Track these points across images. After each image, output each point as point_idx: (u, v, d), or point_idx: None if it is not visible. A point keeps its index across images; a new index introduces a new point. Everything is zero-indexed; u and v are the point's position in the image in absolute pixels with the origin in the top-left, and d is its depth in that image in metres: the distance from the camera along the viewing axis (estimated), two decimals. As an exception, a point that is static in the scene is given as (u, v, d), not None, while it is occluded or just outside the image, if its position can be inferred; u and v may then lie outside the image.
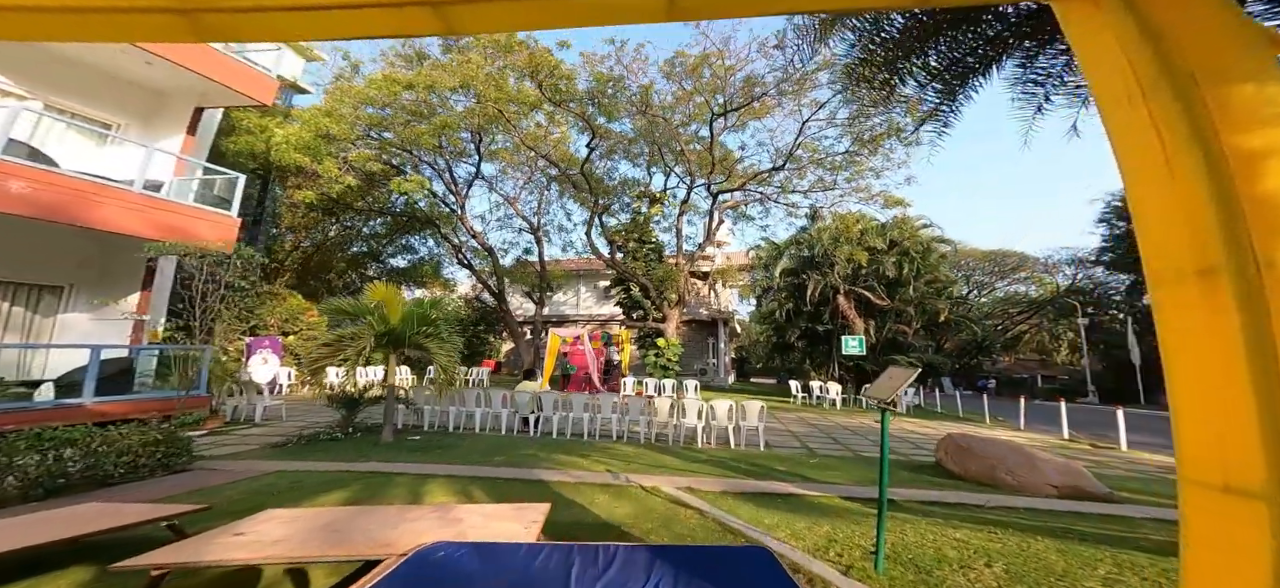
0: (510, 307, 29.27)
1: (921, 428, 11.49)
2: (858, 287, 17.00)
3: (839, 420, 12.27)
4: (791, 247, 20.37)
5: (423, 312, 6.95)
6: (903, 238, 17.17)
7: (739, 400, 8.48)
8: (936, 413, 15.06)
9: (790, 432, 10.00)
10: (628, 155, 19.51)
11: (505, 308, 18.56)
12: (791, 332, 18.60)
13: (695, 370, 25.64)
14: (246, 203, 15.24)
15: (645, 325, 17.30)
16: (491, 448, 6.81)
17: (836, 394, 15.31)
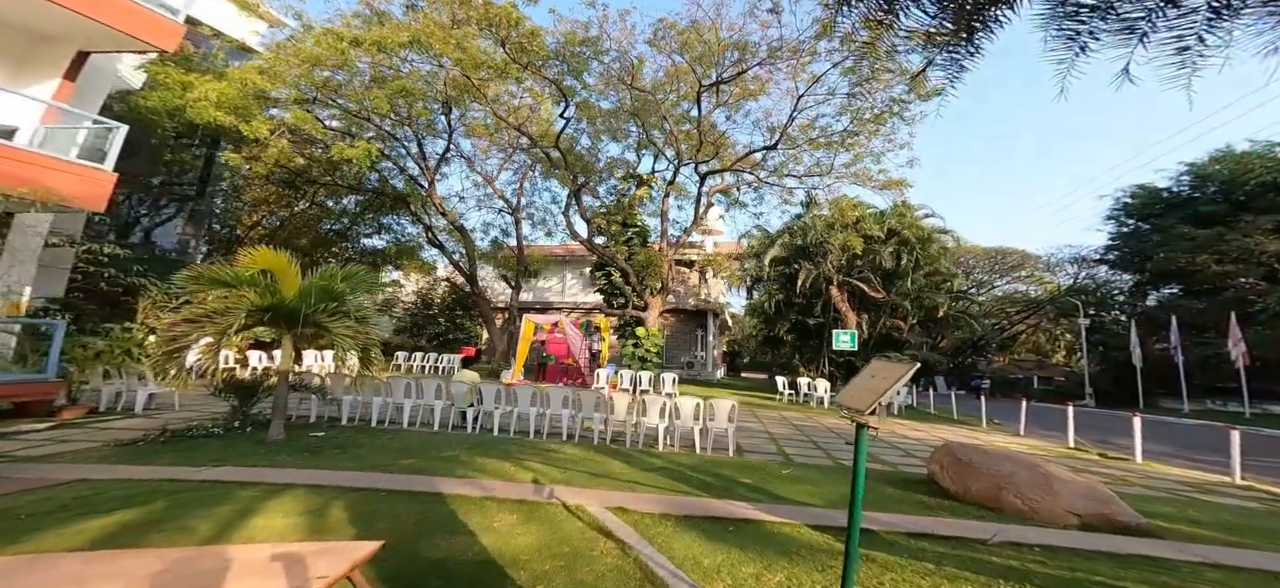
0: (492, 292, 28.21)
1: (913, 432, 10.54)
2: (852, 278, 15.97)
3: (825, 422, 11.31)
4: (784, 235, 19.33)
5: (326, 284, 5.86)
6: (902, 227, 16.12)
7: (710, 398, 7.47)
8: (929, 415, 14.13)
9: (768, 434, 9.01)
10: (613, 134, 18.31)
11: (478, 291, 17.45)
12: (781, 325, 17.61)
13: (682, 363, 24.69)
14: (184, 171, 14.05)
15: (625, 314, 16.26)
16: (405, 449, 5.77)
17: (825, 392, 14.36)
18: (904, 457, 7.44)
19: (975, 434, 10.66)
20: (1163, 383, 21.49)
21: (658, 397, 7.15)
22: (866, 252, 15.64)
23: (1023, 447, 9.03)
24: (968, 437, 10.02)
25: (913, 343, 15.93)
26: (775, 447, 7.72)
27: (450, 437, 6.74)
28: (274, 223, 19.02)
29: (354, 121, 13.66)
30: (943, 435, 10.05)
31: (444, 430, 7.13)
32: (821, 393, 14.45)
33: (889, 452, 7.74)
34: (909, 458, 7.36)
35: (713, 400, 7.13)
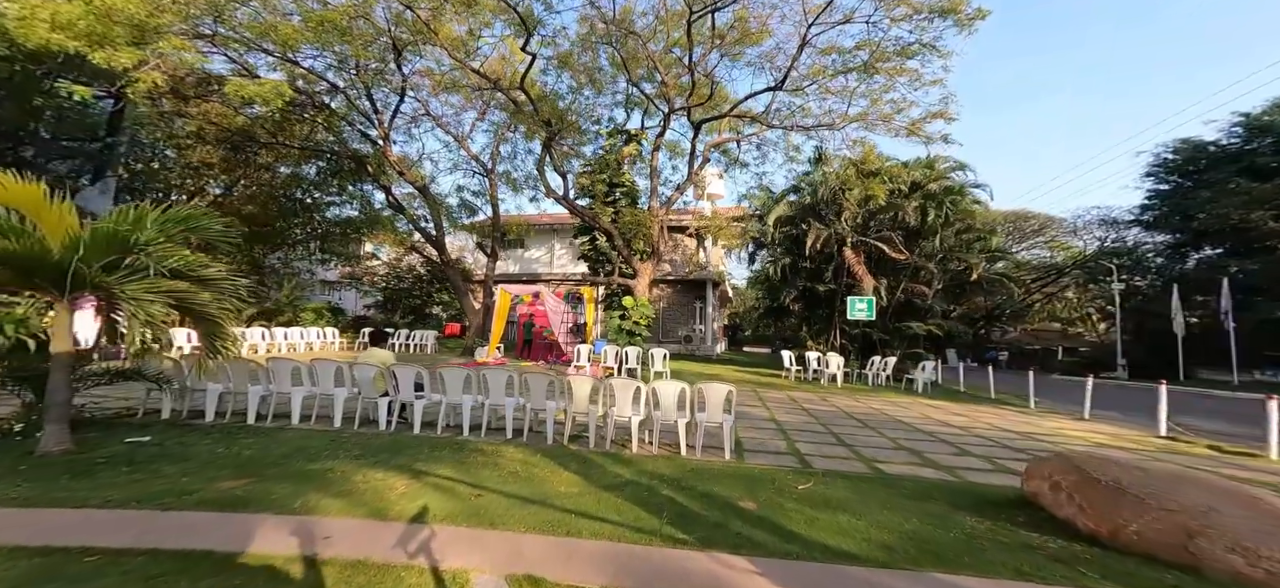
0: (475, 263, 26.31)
1: (952, 416, 8.78)
2: (869, 237, 13.95)
3: (842, 403, 9.56)
4: (790, 194, 17.23)
5: (111, 230, 3.94)
6: (927, 180, 13.97)
7: (708, 376, 5.68)
8: (959, 393, 12.37)
9: (775, 423, 7.25)
10: (594, 84, 15.97)
11: (448, 260, 15.54)
12: (787, 293, 15.71)
13: (679, 338, 22.97)
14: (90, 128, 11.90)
15: (611, 281, 14.39)
16: (249, 462, 4.00)
17: (838, 368, 12.58)
18: (960, 456, 5.66)
19: (1027, 418, 8.90)
20: (1201, 352, 19.67)
21: (630, 382, 5.35)
22: (887, 207, 13.56)
23: (1102, 438, 7.26)
24: (1022, 423, 8.25)
25: (936, 310, 14.03)
26: (786, 443, 5.96)
27: (347, 438, 4.99)
28: (219, 192, 16.98)
29: (282, 65, 11.49)
30: (989, 422, 8.30)
31: (349, 428, 5.38)
32: (834, 369, 12.69)
33: (939, 449, 5.96)
34: (968, 458, 5.58)
35: (705, 385, 5.33)
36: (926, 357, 13.27)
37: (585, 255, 16.21)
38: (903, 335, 14.06)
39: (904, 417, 8.30)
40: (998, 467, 5.16)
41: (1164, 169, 23.30)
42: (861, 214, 13.93)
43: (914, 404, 9.98)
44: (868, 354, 13.68)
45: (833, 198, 15.11)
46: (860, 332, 14.08)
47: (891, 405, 9.61)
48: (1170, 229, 23.26)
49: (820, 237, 13.84)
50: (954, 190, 14.04)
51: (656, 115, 16.20)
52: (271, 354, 11.77)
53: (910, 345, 14.16)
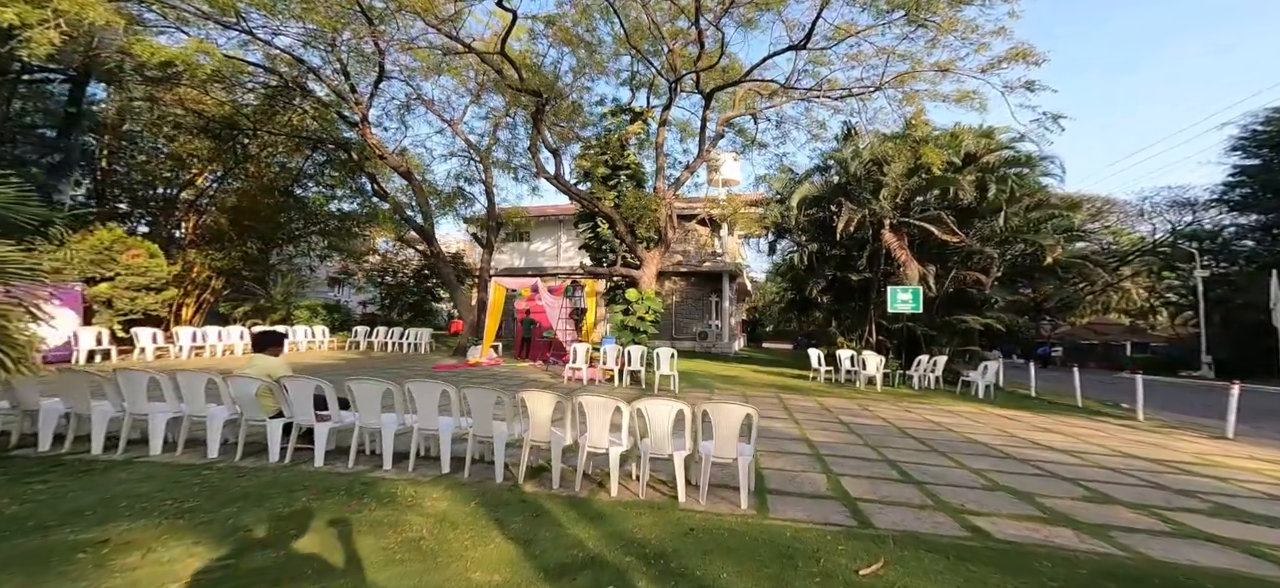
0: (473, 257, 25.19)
1: (1039, 430, 6.90)
2: (912, 218, 11.95)
3: (889, 413, 7.76)
4: (815, 174, 15.30)
5: None
6: (983, 150, 11.81)
7: (717, 380, 4.07)
8: (1031, 399, 10.32)
9: (807, 443, 5.57)
10: (590, 54, 14.36)
11: (437, 252, 14.29)
12: (813, 283, 13.85)
13: (693, 334, 21.29)
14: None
15: (611, 273, 12.85)
16: (17, 521, 2.62)
17: (877, 369, 10.71)
18: (1102, 505, 3.85)
19: (1144, 436, 6.92)
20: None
21: (607, 401, 3.81)
22: (935, 182, 11.51)
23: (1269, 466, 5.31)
24: (1147, 446, 6.29)
25: (994, 301, 11.89)
26: (826, 478, 4.30)
27: (209, 476, 3.60)
28: (215, 186, 16.17)
29: (253, 42, 10.35)
30: (1098, 441, 6.39)
31: (229, 457, 4.01)
32: (872, 370, 10.83)
33: (1058, 491, 4.19)
34: (1115, 510, 3.78)
35: (714, 406, 3.74)
36: (984, 355, 11.25)
37: (587, 245, 14.72)
38: (953, 331, 12.04)
39: (977, 433, 6.48)
40: (1182, 530, 3.36)
41: (1252, 142, 20.24)
42: (904, 190, 11.92)
43: (981, 414, 8.09)
44: (911, 353, 11.73)
45: (867, 175, 13.14)
46: (902, 327, 12.11)
47: (953, 416, 7.76)
48: (1261, 209, 20.19)
49: (853, 219, 11.94)
50: (1020, 160, 11.81)
51: (663, 94, 14.54)
52: (203, 358, 10.66)
53: (963, 342, 12.14)
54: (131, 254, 9.47)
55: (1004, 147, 12.00)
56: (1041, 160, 11.78)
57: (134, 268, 9.42)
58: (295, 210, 17.23)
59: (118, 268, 9.29)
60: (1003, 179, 11.58)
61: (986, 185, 11.37)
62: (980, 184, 11.39)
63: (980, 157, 11.69)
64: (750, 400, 8.55)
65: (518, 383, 9.19)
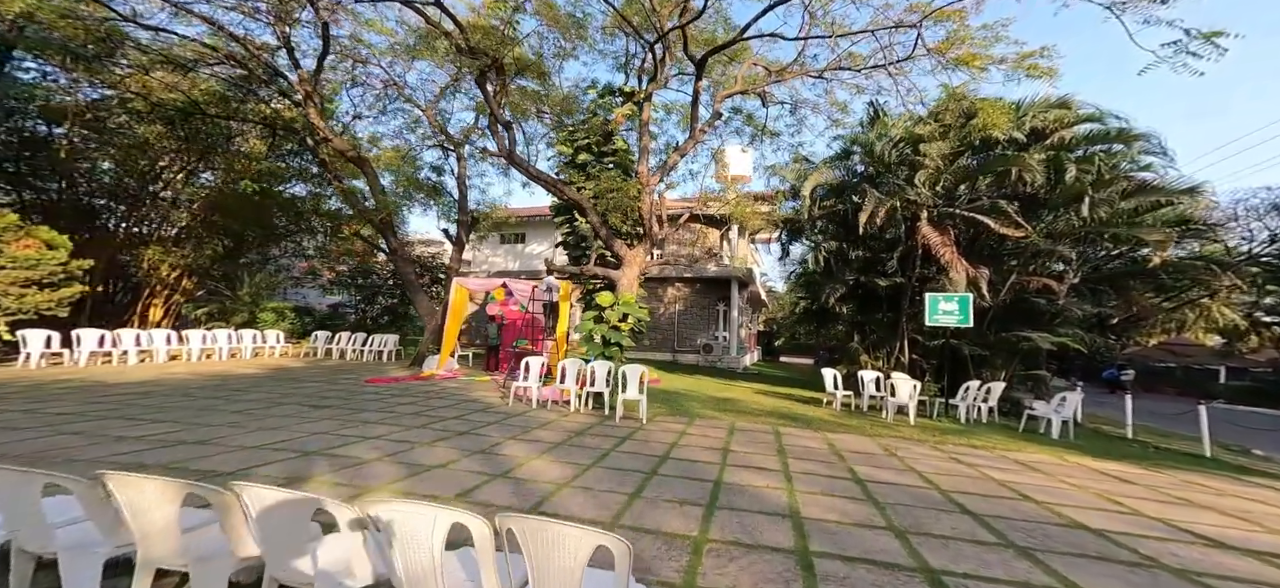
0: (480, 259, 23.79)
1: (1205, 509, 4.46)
2: (958, 208, 9.51)
3: (927, 465, 5.43)
4: (837, 164, 13.02)
5: None
6: (1055, 124, 9.25)
7: (711, 404, 2.26)
8: (1125, 443, 7.71)
9: (794, 521, 3.38)
10: (577, 31, 12.64)
11: (396, 247, 12.75)
12: (832, 290, 11.54)
13: (697, 346, 19.09)
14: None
15: (584, 271, 10.94)
16: None
17: (910, 396, 8.31)
18: None
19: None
20: None
21: (344, 512, 1.85)
22: (993, 163, 9.01)
23: None
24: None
25: (1071, 314, 9.20)
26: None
27: None
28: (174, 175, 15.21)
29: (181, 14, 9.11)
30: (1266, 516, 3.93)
31: None
32: (904, 398, 8.43)
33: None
34: None
35: (538, 531, 1.72)
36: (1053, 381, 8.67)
37: (564, 242, 12.92)
38: (1012, 350, 9.47)
39: (1074, 506, 4.15)
40: None
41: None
42: (948, 175, 9.51)
43: (1065, 467, 5.66)
44: (955, 376, 9.24)
45: (900, 158, 10.79)
46: (943, 344, 9.64)
47: (1024, 470, 5.39)
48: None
49: (881, 210, 9.63)
50: (1108, 136, 9.15)
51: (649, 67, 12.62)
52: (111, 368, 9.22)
53: (1024, 364, 9.56)
54: (21, 244, 8.25)
55: (1086, 118, 9.36)
56: (1137, 137, 9.05)
57: (22, 260, 8.17)
58: (280, 210, 16.19)
59: (3, 260, 8.06)
60: (1086, 159, 8.96)
61: (1062, 167, 8.78)
62: (1054, 166, 8.83)
63: (1050, 132, 9.15)
64: (737, 434, 6.41)
65: (449, 405, 7.36)
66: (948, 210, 9.48)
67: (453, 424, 6.05)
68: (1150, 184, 9.03)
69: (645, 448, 5.50)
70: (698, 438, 6.20)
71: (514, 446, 5.26)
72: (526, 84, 13.98)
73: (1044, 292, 9.04)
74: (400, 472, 4.01)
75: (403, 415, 6.38)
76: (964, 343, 9.43)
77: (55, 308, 8.69)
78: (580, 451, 5.20)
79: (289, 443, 4.57)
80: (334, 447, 4.58)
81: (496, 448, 5.10)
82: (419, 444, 4.96)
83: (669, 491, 4.07)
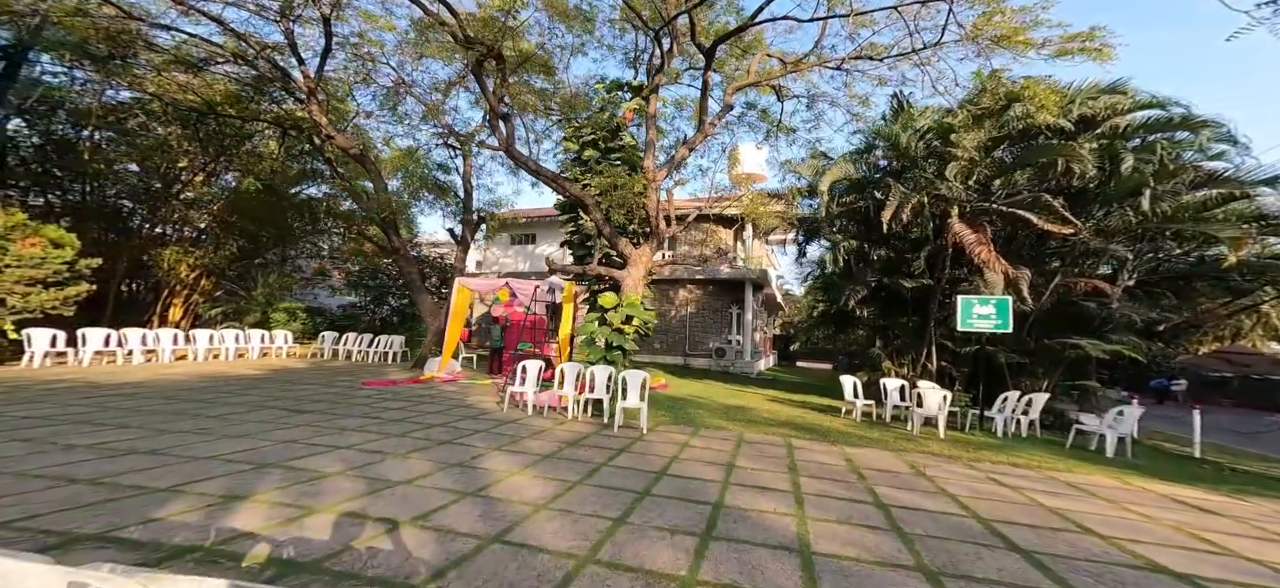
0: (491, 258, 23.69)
1: None
2: (998, 203, 8.68)
3: (962, 487, 4.72)
4: (857, 159, 12.27)
5: None
6: (1107, 112, 8.34)
7: (721, 412, 1.89)
8: (1193, 464, 6.80)
9: (802, 560, 2.81)
10: (583, 24, 12.30)
11: (398, 245, 12.57)
12: (851, 291, 10.80)
13: (709, 350, 18.46)
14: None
15: (588, 270, 10.48)
16: None
17: (939, 407, 7.56)
18: None
19: None
20: None
21: None
22: (1037, 153, 8.13)
23: None
24: None
25: (1124, 319, 8.23)
26: None
27: None
28: (193, 175, 15.45)
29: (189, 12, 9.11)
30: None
31: None
32: (933, 409, 7.67)
33: None
34: None
35: None
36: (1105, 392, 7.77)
37: (569, 241, 12.52)
38: (1057, 359, 8.57)
39: (1149, 543, 3.43)
40: None
41: None
42: (984, 167, 8.68)
43: (1128, 492, 4.88)
44: (992, 386, 8.40)
45: (929, 151, 10.01)
46: (976, 351, 8.81)
47: (1078, 496, 4.65)
48: None
49: (906, 205, 8.88)
50: (1171, 123, 8.14)
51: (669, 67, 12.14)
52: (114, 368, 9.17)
53: (1070, 373, 8.65)
54: (27, 242, 8.29)
55: (1144, 104, 8.36)
56: (1205, 123, 7.99)
57: (27, 259, 8.21)
58: (296, 211, 16.32)
59: (8, 259, 8.10)
60: (1146, 148, 8.01)
61: (1117, 156, 7.84)
62: (1109, 155, 7.90)
63: (1101, 120, 8.22)
64: (745, 447, 5.82)
65: (439, 411, 6.99)
66: (982, 206, 8.65)
67: (436, 433, 5.66)
68: (1222, 175, 8.00)
69: (641, 462, 4.98)
70: (701, 451, 5.65)
71: (497, 458, 4.82)
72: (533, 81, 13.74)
73: (1093, 294, 8.12)
74: (358, 488, 3.59)
75: (386, 422, 6.02)
76: (1000, 350, 8.57)
77: (61, 307, 8.71)
78: (569, 464, 4.72)
79: (249, 454, 4.22)
80: (296, 458, 4.21)
81: (477, 461, 4.66)
82: (392, 455, 4.56)
83: (660, 515, 3.54)
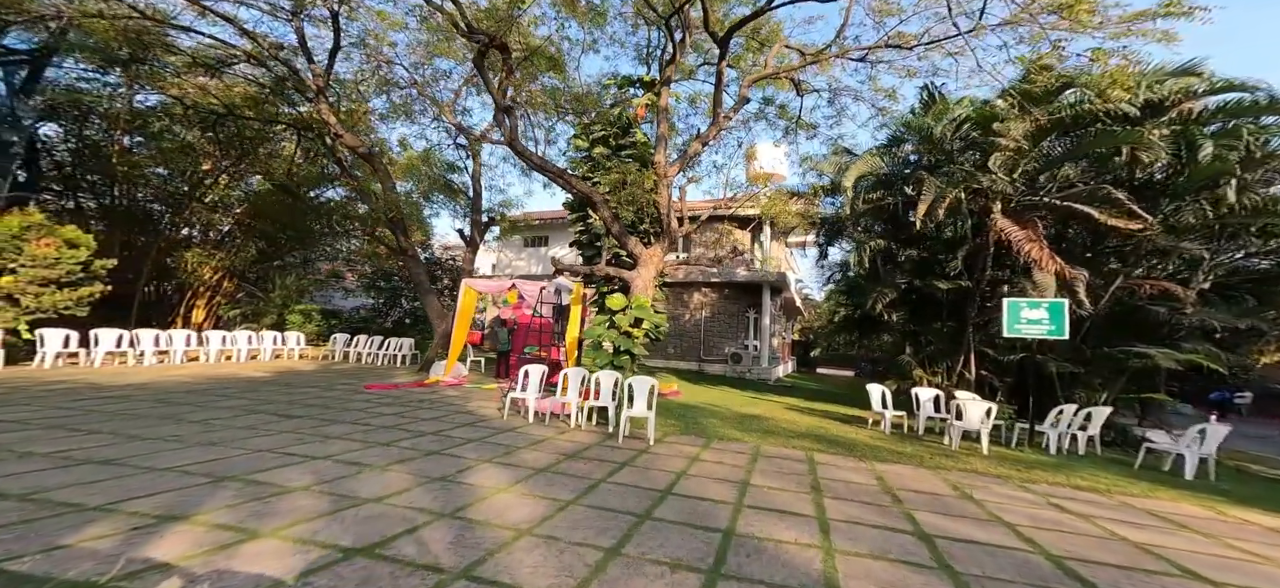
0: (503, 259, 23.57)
1: None
2: (1049, 198, 7.84)
3: (1019, 515, 3.97)
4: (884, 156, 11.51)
5: None
6: (1178, 96, 7.42)
7: (734, 421, 1.59)
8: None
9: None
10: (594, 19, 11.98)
11: (406, 246, 12.39)
12: (878, 294, 10.05)
13: (725, 356, 17.77)
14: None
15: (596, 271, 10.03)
16: None
17: (982, 419, 6.77)
18: None
19: None
20: None
21: None
22: (1098, 140, 7.24)
23: None
24: None
25: (1199, 325, 7.22)
26: None
27: None
28: (214, 178, 15.71)
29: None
30: None
31: None
32: (974, 422, 6.89)
33: None
34: None
35: None
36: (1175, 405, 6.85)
37: (578, 241, 12.12)
38: (1118, 368, 7.63)
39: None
40: None
41: None
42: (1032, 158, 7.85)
43: (1225, 524, 4.08)
44: (1042, 398, 7.51)
45: (967, 143, 9.22)
46: (1021, 358, 7.95)
47: (1166, 527, 3.88)
48: None
49: (943, 201, 8.12)
50: (1260, 105, 7.12)
51: (681, 59, 11.67)
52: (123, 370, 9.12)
53: (1133, 385, 7.69)
54: (42, 242, 8.36)
55: (1222, 87, 7.37)
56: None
57: (41, 259, 8.27)
58: (315, 214, 16.48)
59: (23, 259, 8.17)
60: (1228, 134, 7.07)
61: (1194, 143, 6.93)
62: (1185, 141, 6.98)
63: (1171, 104, 7.29)
64: (762, 462, 5.22)
65: (435, 417, 6.62)
66: (1031, 200, 7.80)
67: (426, 442, 5.26)
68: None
69: (645, 479, 4.46)
70: (712, 466, 5.09)
71: (486, 472, 4.37)
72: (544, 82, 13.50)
73: (1161, 297, 7.18)
74: (318, 507, 3.18)
75: (376, 429, 5.66)
76: (1050, 358, 7.69)
77: (74, 307, 8.74)
78: (565, 480, 4.24)
79: (213, 464, 3.88)
80: (264, 469, 3.84)
81: (463, 475, 4.22)
82: (371, 467, 4.16)
83: (661, 544, 3.01)
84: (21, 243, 8.27)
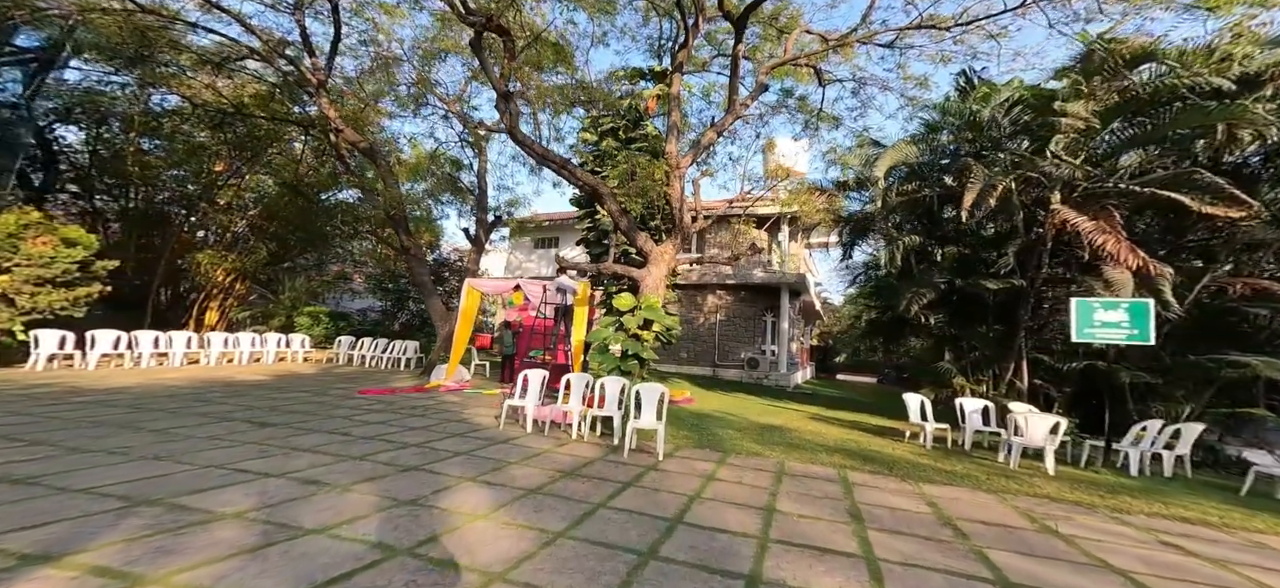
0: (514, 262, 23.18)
1: None
2: (1120, 182, 6.87)
3: (1126, 557, 3.04)
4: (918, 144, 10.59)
5: None
6: (1270, 70, 6.40)
7: (751, 433, 1.38)
8: None
9: None
10: None
11: (408, 244, 11.97)
12: (913, 295, 9.12)
13: (741, 361, 16.89)
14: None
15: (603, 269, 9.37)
16: None
17: (1049, 436, 5.83)
18: None
19: None
20: None
21: None
22: (1187, 117, 6.20)
23: None
24: None
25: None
26: None
27: None
28: (227, 179, 15.67)
29: None
30: None
31: None
32: (1037, 438, 5.95)
33: None
34: None
35: None
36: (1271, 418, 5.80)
37: (585, 239, 11.51)
38: (1206, 379, 6.58)
39: None
40: None
41: None
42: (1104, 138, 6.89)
43: None
44: (1114, 412, 6.50)
45: (1018, 126, 8.28)
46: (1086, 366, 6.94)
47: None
48: None
49: (991, 191, 7.21)
50: None
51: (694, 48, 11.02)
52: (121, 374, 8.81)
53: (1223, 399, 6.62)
54: (37, 241, 8.15)
55: None
56: None
57: (36, 257, 8.05)
58: (325, 215, 16.35)
59: (18, 258, 7.96)
60: None
61: None
62: None
63: (1268, 78, 6.24)
64: (788, 481, 4.44)
65: (425, 426, 6.04)
66: (1103, 186, 6.82)
67: (407, 455, 4.65)
68: None
69: (652, 503, 3.75)
70: (730, 487, 4.34)
71: (467, 493, 3.72)
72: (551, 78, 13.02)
73: (1260, 298, 6.13)
74: (244, 540, 2.57)
75: (354, 440, 5.09)
76: (1122, 367, 6.67)
77: (70, 308, 8.51)
78: (557, 505, 3.56)
79: (142, 484, 3.33)
80: (197, 490, 3.27)
81: (439, 497, 3.58)
82: (330, 487, 3.55)
83: (669, 607, 2.30)
84: (18, 242, 8.07)
